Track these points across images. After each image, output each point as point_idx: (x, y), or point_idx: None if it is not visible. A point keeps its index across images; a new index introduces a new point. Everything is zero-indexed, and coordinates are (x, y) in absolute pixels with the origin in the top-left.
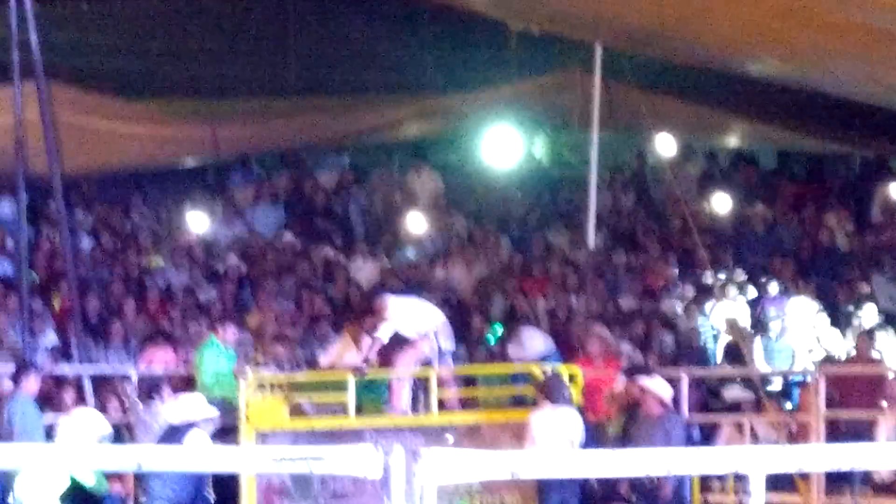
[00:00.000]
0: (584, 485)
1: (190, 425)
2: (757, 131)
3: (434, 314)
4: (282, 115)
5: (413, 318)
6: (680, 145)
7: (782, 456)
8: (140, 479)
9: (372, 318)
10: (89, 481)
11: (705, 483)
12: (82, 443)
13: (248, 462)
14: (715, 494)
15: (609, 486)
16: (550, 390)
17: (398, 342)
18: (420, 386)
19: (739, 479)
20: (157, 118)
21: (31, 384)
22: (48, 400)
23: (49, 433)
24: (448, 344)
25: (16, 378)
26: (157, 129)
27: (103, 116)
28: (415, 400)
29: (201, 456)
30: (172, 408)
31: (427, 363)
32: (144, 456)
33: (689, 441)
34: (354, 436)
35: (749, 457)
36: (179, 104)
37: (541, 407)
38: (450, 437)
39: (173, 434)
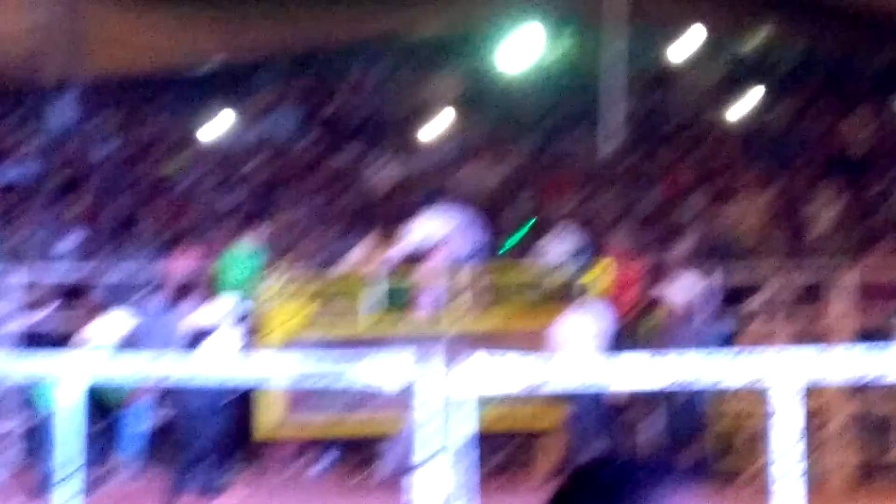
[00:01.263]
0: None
1: (217, 328)
2: (782, 28)
3: (458, 217)
4: (299, 18)
5: (436, 227)
6: (703, 45)
7: (802, 364)
8: None
9: (395, 225)
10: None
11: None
12: (106, 346)
13: (273, 374)
14: (734, 400)
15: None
16: (569, 293)
17: (424, 249)
18: (445, 290)
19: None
20: (175, 22)
21: None
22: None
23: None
24: (474, 245)
25: None
26: (174, 33)
27: (121, 22)
28: (441, 304)
29: (227, 367)
30: (200, 312)
31: (453, 267)
32: (172, 366)
33: (717, 342)
34: (377, 341)
35: (769, 365)
36: (197, 7)
37: (562, 312)
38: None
39: (202, 338)
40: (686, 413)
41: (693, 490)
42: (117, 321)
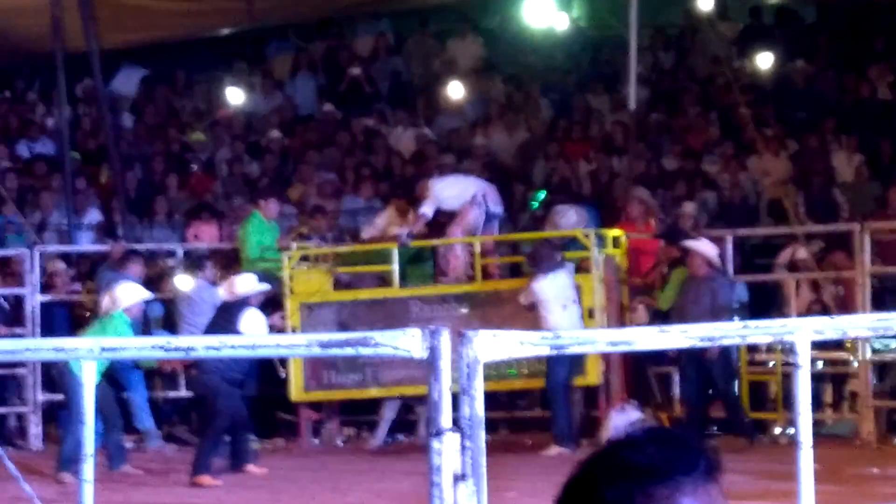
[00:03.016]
0: None
1: (244, 302)
2: None
3: (479, 181)
4: None
5: (457, 192)
6: (722, 1)
7: (827, 324)
8: None
9: (416, 192)
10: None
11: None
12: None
13: (293, 348)
14: (761, 353)
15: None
16: (540, 259)
17: (445, 214)
18: (468, 254)
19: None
20: None
21: (136, 268)
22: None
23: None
24: (496, 208)
25: (122, 263)
26: (191, 1)
27: None
28: (464, 268)
29: (248, 342)
30: (226, 285)
31: (474, 231)
32: (194, 344)
33: (737, 301)
34: (399, 306)
35: (794, 325)
36: None
37: (535, 277)
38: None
39: (227, 311)
40: (718, 367)
41: (723, 448)
42: (134, 291)
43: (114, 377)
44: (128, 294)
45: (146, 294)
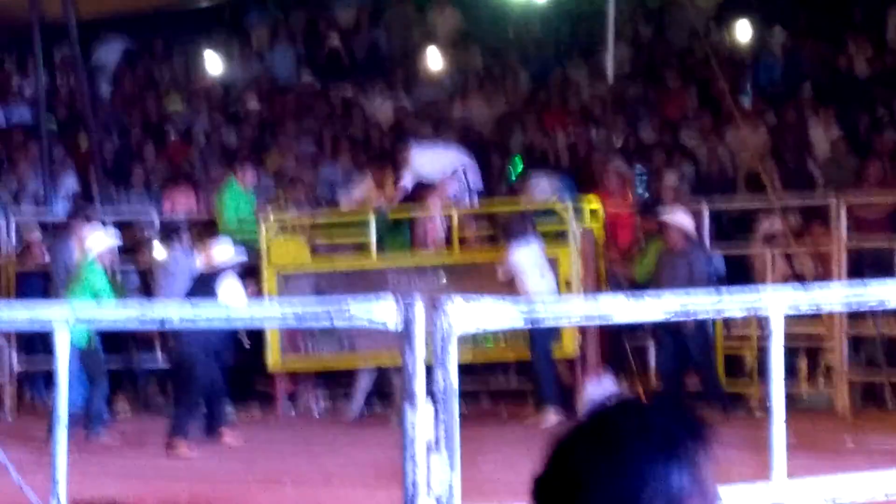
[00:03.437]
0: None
1: (221, 272)
2: None
3: (458, 154)
4: None
5: (436, 163)
6: None
7: (800, 296)
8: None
9: (394, 161)
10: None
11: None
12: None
13: (268, 317)
14: (737, 326)
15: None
16: (513, 230)
17: (424, 185)
18: (446, 224)
19: None
20: None
21: (79, 230)
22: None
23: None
24: (475, 181)
25: (68, 226)
26: None
27: None
28: (441, 238)
29: (223, 312)
30: (203, 255)
31: (454, 202)
32: (169, 313)
33: (714, 273)
34: (377, 276)
35: (768, 298)
36: None
37: (509, 249)
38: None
39: (205, 280)
40: (695, 339)
41: (702, 419)
42: (104, 238)
43: (105, 340)
44: (97, 241)
45: (115, 241)
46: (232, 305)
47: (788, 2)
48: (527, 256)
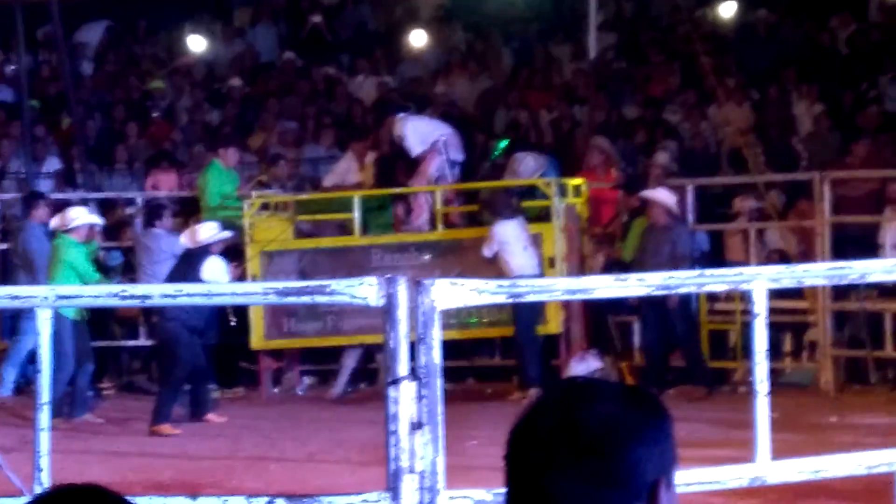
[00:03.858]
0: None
1: (205, 251)
2: None
3: (441, 127)
4: None
5: (419, 135)
6: None
7: (783, 272)
8: None
9: (376, 135)
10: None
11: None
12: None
13: (252, 296)
14: (721, 302)
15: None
16: (496, 206)
17: (406, 159)
18: (430, 201)
19: None
20: None
21: (41, 212)
22: None
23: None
24: (457, 155)
25: (25, 207)
26: None
27: None
28: (425, 215)
29: (204, 290)
30: (187, 233)
31: (437, 179)
32: (151, 292)
33: (697, 250)
34: (360, 254)
35: (751, 274)
36: None
37: (493, 225)
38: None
39: (189, 259)
40: (678, 316)
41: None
42: (82, 213)
43: (93, 320)
44: (74, 216)
45: (93, 218)
46: (212, 284)
47: None
48: (511, 232)
